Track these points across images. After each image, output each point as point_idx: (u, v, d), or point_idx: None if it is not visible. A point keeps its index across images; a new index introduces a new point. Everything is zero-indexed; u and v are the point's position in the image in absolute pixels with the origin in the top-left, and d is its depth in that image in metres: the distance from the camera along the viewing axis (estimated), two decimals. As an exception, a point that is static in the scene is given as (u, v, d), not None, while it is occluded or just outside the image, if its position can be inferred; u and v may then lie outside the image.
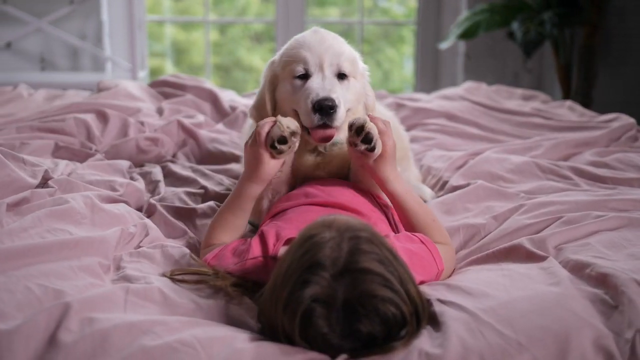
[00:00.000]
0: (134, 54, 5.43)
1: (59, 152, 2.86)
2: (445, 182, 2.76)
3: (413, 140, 3.38)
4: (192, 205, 2.48)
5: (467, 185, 2.60)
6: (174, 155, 3.10)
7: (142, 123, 3.21)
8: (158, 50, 7.42)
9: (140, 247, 2.08)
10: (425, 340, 1.57)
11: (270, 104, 2.27)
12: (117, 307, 1.65)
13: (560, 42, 5.40)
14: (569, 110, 3.86)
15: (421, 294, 1.65)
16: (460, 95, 4.01)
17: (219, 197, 2.58)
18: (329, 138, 2.15)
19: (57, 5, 5.78)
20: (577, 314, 1.60)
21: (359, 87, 2.28)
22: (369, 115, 2.09)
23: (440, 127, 3.48)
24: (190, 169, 2.88)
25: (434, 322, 1.64)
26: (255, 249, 1.92)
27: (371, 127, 2.03)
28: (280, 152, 2.02)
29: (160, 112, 3.49)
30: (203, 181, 2.71)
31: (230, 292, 1.81)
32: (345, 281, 1.52)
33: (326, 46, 2.19)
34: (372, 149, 2.04)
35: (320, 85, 2.15)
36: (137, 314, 1.64)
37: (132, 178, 2.70)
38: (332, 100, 2.11)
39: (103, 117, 3.17)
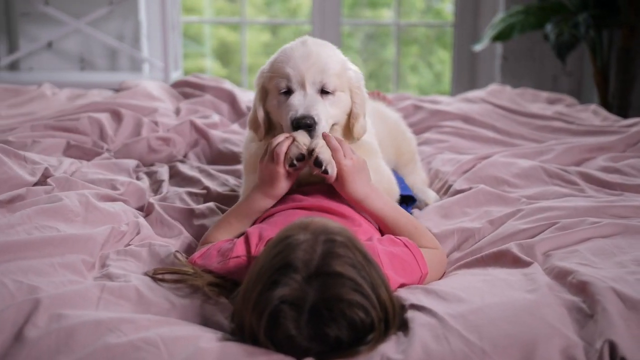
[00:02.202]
0: (166, 55, 5.49)
1: (70, 150, 2.91)
2: (450, 186, 2.73)
3: (425, 142, 3.36)
4: (192, 205, 2.50)
5: (470, 189, 2.57)
6: (185, 155, 3.12)
7: (156, 123, 3.24)
8: (206, 52, 7.50)
9: (129, 245, 2.10)
10: (390, 346, 1.56)
11: (262, 113, 2.27)
12: (89, 305, 1.67)
13: (598, 45, 5.29)
14: (592, 114, 3.79)
15: (394, 299, 1.64)
16: (482, 98, 3.96)
17: (221, 198, 2.60)
18: None
19: (95, 6, 5.88)
20: (548, 322, 1.57)
21: (347, 99, 2.24)
22: (323, 135, 2.08)
23: (455, 129, 3.44)
24: (198, 169, 2.90)
25: (405, 327, 1.63)
26: (239, 249, 1.94)
27: (321, 151, 2.02)
28: (298, 169, 2.06)
29: (178, 112, 3.53)
30: (207, 182, 2.73)
31: (207, 291, 1.82)
32: (317, 284, 1.52)
33: (310, 63, 2.16)
34: (325, 172, 2.04)
35: (300, 103, 2.13)
36: (110, 311, 1.65)
37: (137, 177, 2.73)
38: (311, 118, 2.10)
39: (117, 117, 3.21)
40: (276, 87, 2.19)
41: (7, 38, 6.09)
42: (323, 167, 2.02)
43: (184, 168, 2.88)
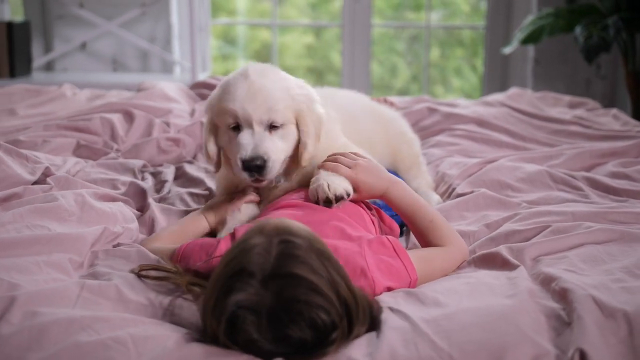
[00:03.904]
0: (193, 56, 5.54)
1: (79, 150, 2.94)
2: (454, 190, 2.70)
3: (436, 145, 3.32)
4: (192, 205, 2.52)
5: (471, 193, 2.54)
6: (195, 157, 3.14)
7: (167, 124, 3.27)
8: (249, 54, 7.56)
9: (119, 244, 2.12)
10: (359, 348, 1.55)
11: (213, 148, 2.30)
12: (68, 303, 1.67)
13: (630, 48, 5.19)
14: (612, 119, 3.71)
15: (357, 296, 1.61)
16: (501, 102, 3.90)
17: (223, 199, 2.60)
18: (263, 186, 2.24)
19: (128, 8, 5.96)
20: (521, 329, 1.55)
21: (294, 130, 2.24)
22: (319, 167, 2.17)
23: (468, 133, 3.39)
24: (204, 170, 2.91)
25: (379, 329, 1.62)
26: (223, 247, 1.94)
27: (332, 191, 2.08)
28: None
29: (193, 113, 3.55)
30: (210, 183, 2.74)
31: (187, 290, 1.83)
32: (272, 287, 1.52)
33: (257, 102, 2.15)
34: (341, 199, 2.10)
35: (248, 142, 2.14)
36: (88, 310, 1.66)
37: (143, 177, 2.75)
38: (260, 158, 2.12)
39: (129, 117, 3.25)
40: (225, 123, 2.20)
41: (43, 40, 6.22)
42: (346, 199, 2.11)
43: (190, 169, 2.90)
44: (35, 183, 2.34)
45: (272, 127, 2.17)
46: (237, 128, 2.18)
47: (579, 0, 5.50)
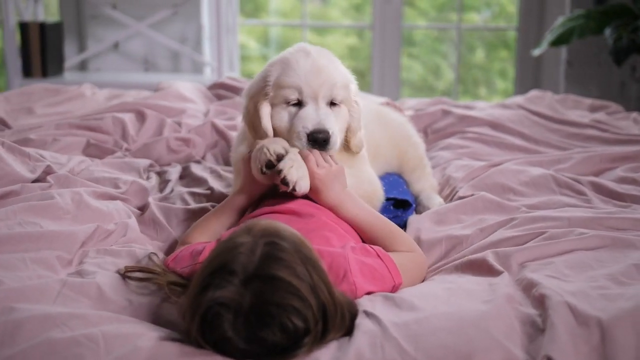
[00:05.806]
0: (220, 57, 5.58)
1: (89, 149, 2.97)
2: (457, 193, 2.67)
3: (446, 147, 3.28)
4: (191, 204, 2.53)
5: (472, 196, 2.51)
6: (204, 157, 3.15)
7: (179, 124, 3.28)
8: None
9: (111, 246, 2.13)
10: (327, 352, 1.55)
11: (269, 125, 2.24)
12: (47, 299, 1.70)
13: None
14: (633, 123, 3.62)
15: (338, 303, 1.61)
16: (519, 104, 3.83)
17: (224, 199, 2.59)
18: None
19: (159, 9, 6.01)
20: (492, 335, 1.53)
21: (346, 113, 2.26)
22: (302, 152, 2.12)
23: (479, 135, 3.34)
24: (209, 169, 2.92)
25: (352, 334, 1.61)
26: (207, 252, 1.94)
27: (288, 172, 2.03)
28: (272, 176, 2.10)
29: (207, 113, 3.57)
30: (213, 182, 2.74)
31: (167, 290, 1.84)
32: (253, 287, 1.52)
33: (321, 80, 2.16)
34: (293, 190, 2.05)
35: (313, 116, 2.16)
36: (66, 307, 1.68)
37: (148, 177, 2.77)
38: (326, 132, 2.14)
39: (142, 117, 3.27)
40: (284, 99, 2.19)
41: (78, 40, 6.31)
42: (290, 187, 2.04)
43: (196, 169, 2.90)
44: (36, 181, 2.37)
45: (331, 104, 2.20)
46: (297, 104, 2.19)
47: (611, 0, 5.39)
